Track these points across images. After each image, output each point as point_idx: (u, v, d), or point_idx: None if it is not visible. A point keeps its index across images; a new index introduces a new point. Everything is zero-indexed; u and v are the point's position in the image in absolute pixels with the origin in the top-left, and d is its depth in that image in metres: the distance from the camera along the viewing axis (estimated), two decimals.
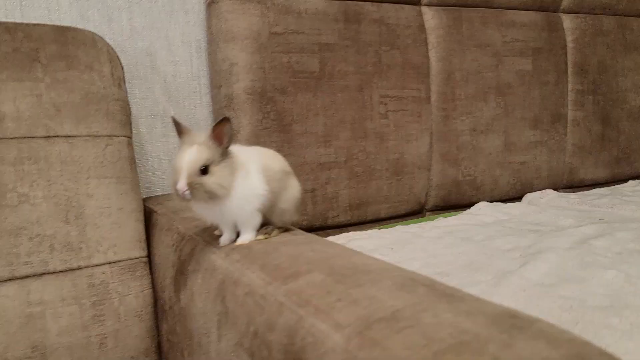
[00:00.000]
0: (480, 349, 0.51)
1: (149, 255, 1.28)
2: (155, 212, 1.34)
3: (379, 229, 1.63)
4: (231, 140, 0.92)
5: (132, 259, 1.23)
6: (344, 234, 1.58)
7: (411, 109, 1.77)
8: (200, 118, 1.68)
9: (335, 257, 0.84)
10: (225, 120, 0.89)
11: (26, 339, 1.09)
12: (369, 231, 1.61)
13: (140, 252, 1.25)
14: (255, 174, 0.95)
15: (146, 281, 1.24)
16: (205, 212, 0.96)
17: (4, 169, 1.11)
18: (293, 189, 1.03)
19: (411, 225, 1.65)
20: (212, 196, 0.89)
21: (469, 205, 1.92)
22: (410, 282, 0.71)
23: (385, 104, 1.73)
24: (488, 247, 1.37)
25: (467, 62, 1.87)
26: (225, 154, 0.92)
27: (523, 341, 0.52)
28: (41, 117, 1.17)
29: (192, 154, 0.88)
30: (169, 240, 1.18)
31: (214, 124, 0.89)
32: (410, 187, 1.80)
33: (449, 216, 1.73)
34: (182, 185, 0.87)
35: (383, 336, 0.57)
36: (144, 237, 1.27)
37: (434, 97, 1.83)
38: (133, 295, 1.21)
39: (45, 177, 1.15)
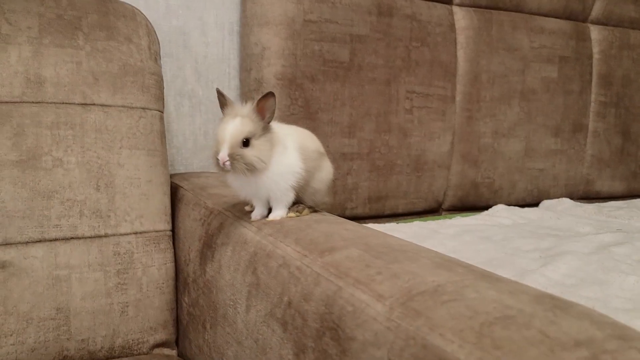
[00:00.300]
0: (527, 323, 0.52)
1: (173, 229, 1.30)
2: (182, 187, 1.35)
3: (397, 223, 1.64)
4: (273, 115, 0.93)
5: (157, 231, 1.24)
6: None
7: (436, 106, 1.78)
8: None
9: (369, 237, 0.85)
10: (270, 94, 0.90)
11: (52, 300, 1.10)
12: (387, 224, 1.62)
13: (165, 225, 1.26)
14: (292, 152, 0.96)
15: (169, 254, 1.25)
16: (240, 185, 0.98)
17: (41, 132, 1.13)
18: (326, 170, 1.04)
19: (429, 221, 1.66)
20: (251, 169, 0.90)
21: (486, 207, 1.93)
22: (448, 262, 0.72)
23: (411, 100, 1.74)
24: (507, 246, 1.38)
25: (494, 64, 1.88)
26: (266, 129, 0.93)
27: (567, 320, 0.53)
28: (79, 84, 1.18)
29: (235, 126, 0.90)
30: (196, 214, 1.19)
31: (259, 97, 0.91)
32: (430, 184, 1.81)
33: (466, 216, 1.74)
34: (223, 155, 0.89)
35: (427, 307, 0.58)
36: (169, 210, 1.29)
37: (459, 97, 1.84)
38: (156, 267, 1.22)
39: (80, 143, 1.17)
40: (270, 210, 1.01)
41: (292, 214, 0.99)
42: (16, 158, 1.10)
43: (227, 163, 0.89)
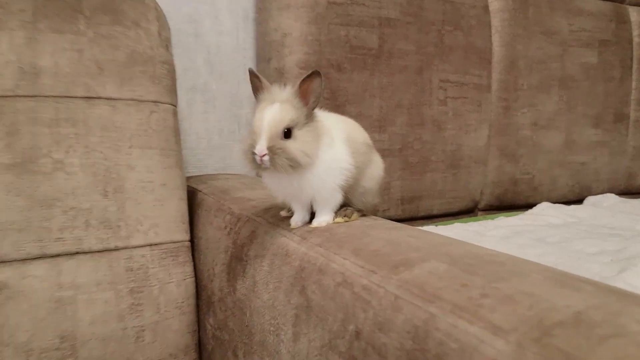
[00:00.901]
0: None
1: (192, 239, 1.14)
2: (200, 191, 1.19)
3: (436, 225, 1.48)
4: (318, 99, 0.78)
5: (174, 242, 1.08)
6: None
7: (471, 96, 1.62)
8: (243, 96, 1.53)
9: (446, 245, 0.69)
10: (315, 74, 0.74)
11: (55, 327, 0.94)
12: (426, 227, 1.45)
13: (183, 234, 1.10)
14: (340, 144, 0.80)
15: (189, 268, 1.09)
16: (278, 186, 0.82)
17: (38, 131, 0.97)
18: (377, 166, 0.88)
19: (470, 223, 1.50)
20: (294, 165, 0.74)
21: (525, 206, 1.77)
22: (564, 277, 0.56)
23: (445, 90, 1.58)
24: (568, 249, 1.22)
25: (531, 49, 1.72)
26: (310, 117, 0.77)
27: None
28: (81, 75, 1.02)
29: (275, 113, 0.74)
30: (220, 222, 1.03)
31: (302, 77, 0.75)
32: (466, 182, 1.65)
33: (510, 215, 1.58)
34: (261, 148, 0.73)
35: (578, 346, 0.42)
36: (187, 218, 1.13)
37: (494, 86, 1.69)
38: (174, 283, 1.06)
39: (83, 142, 1.00)
40: (312, 216, 0.85)
41: (339, 219, 0.83)
42: (10, 161, 0.94)
43: (266, 158, 0.73)
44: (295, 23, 1.37)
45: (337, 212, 0.85)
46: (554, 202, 1.78)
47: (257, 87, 0.80)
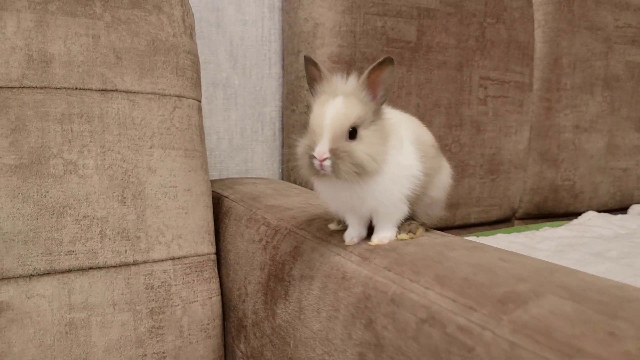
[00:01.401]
0: None
1: (218, 252, 1.01)
2: (226, 197, 1.06)
3: (477, 236, 1.36)
4: (388, 93, 0.65)
5: (199, 255, 0.95)
6: None
7: (512, 96, 1.50)
8: (267, 92, 1.41)
9: (551, 272, 0.56)
10: (387, 61, 0.62)
11: (65, 354, 0.81)
12: (466, 238, 1.33)
13: (209, 246, 0.97)
14: (409, 147, 0.68)
15: (214, 285, 0.97)
16: (334, 195, 0.69)
17: (48, 127, 0.84)
18: (445, 173, 0.76)
19: (514, 234, 1.38)
20: (360, 172, 0.62)
21: (565, 215, 1.65)
22: None
23: (485, 88, 1.45)
24: (635, 267, 1.10)
25: (575, 46, 1.60)
26: (377, 113, 0.65)
27: None
28: (97, 65, 0.89)
29: (339, 109, 0.62)
30: (253, 233, 0.90)
31: (373, 65, 0.62)
32: (505, 189, 1.53)
33: (555, 226, 1.45)
34: (322, 151, 0.60)
35: None
36: (212, 227, 1.00)
37: (536, 85, 1.56)
38: (199, 302, 0.93)
39: (99, 141, 0.88)
40: (370, 230, 0.72)
41: (403, 236, 0.71)
42: (15, 162, 0.82)
43: (327, 163, 0.60)
44: (329, 12, 1.25)
45: (400, 227, 0.72)
46: (595, 211, 1.66)
47: (314, 76, 0.67)
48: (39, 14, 0.87)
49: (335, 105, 0.62)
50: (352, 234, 0.72)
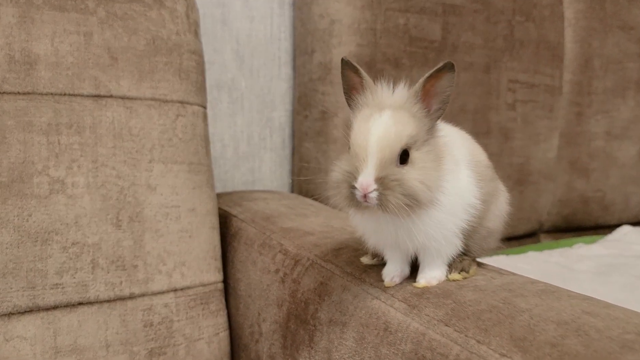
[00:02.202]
0: None
1: (225, 279, 0.89)
2: (235, 216, 0.94)
3: (507, 254, 1.24)
4: (446, 106, 0.53)
5: (205, 284, 0.84)
6: None
7: (542, 100, 1.38)
8: (276, 94, 1.29)
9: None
10: (447, 66, 0.50)
11: None
12: (495, 258, 1.21)
13: (215, 274, 0.86)
14: (465, 170, 0.56)
15: (222, 319, 0.85)
16: (375, 229, 0.57)
17: (31, 139, 0.72)
18: (503, 199, 0.65)
19: (546, 252, 1.26)
20: (412, 204, 0.50)
21: (594, 228, 1.54)
22: None
23: (514, 92, 1.34)
24: None
25: (608, 46, 1.48)
26: (431, 131, 0.53)
27: None
28: (89, 67, 0.78)
29: (389, 126, 0.50)
30: (268, 262, 0.78)
31: (430, 72, 0.50)
32: (533, 201, 1.41)
33: (589, 242, 1.34)
34: (368, 182, 0.49)
35: None
36: (219, 252, 0.88)
37: (566, 88, 1.45)
38: (205, 340, 0.82)
39: (91, 155, 0.76)
40: (414, 267, 0.61)
41: (455, 276, 0.59)
42: None
43: (373, 195, 0.48)
44: (346, 8, 1.13)
45: (450, 264, 0.60)
46: (626, 223, 1.55)
47: (353, 85, 0.55)
48: (22, 8, 0.75)
49: (383, 121, 0.50)
50: (393, 272, 0.61)
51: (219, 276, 0.86)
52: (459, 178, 0.56)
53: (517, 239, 1.44)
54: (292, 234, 0.80)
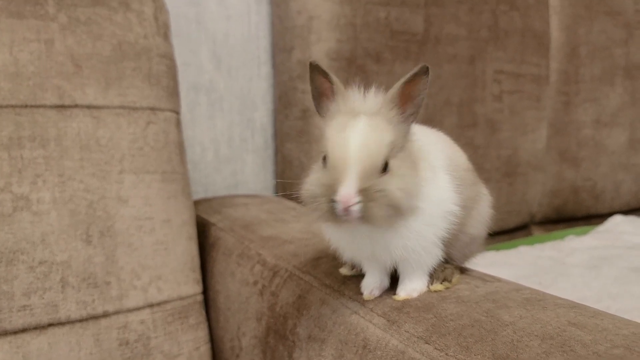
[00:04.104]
0: None
1: (205, 290, 0.86)
2: (213, 224, 0.91)
3: (498, 250, 1.22)
4: (420, 109, 0.50)
5: (183, 298, 0.81)
6: None
7: (529, 90, 1.36)
8: (257, 94, 1.25)
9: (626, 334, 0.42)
10: (423, 71, 0.47)
11: None
12: (485, 253, 1.18)
13: (194, 286, 0.83)
14: (442, 175, 0.53)
15: (202, 332, 0.82)
16: (349, 242, 0.54)
17: None
18: (485, 203, 0.62)
19: (537, 245, 1.24)
20: (394, 214, 0.47)
21: (586, 218, 1.52)
22: None
23: (500, 82, 1.31)
24: None
25: (594, 33, 1.46)
26: (407, 136, 0.50)
27: None
28: (52, 76, 0.74)
29: (368, 134, 0.47)
30: (246, 273, 0.75)
31: (408, 76, 0.47)
32: (523, 193, 1.39)
33: (581, 234, 1.32)
34: (349, 194, 0.46)
35: None
36: (198, 263, 0.85)
37: (553, 77, 1.42)
38: (185, 355, 0.79)
39: (57, 169, 0.72)
40: (393, 278, 0.58)
41: (438, 286, 0.56)
42: None
43: (356, 208, 0.45)
44: (325, 3, 1.10)
45: (431, 274, 0.57)
46: (617, 211, 1.53)
47: (322, 90, 0.52)
48: None
49: (361, 129, 0.47)
50: (372, 285, 0.58)
51: (197, 288, 0.83)
52: (437, 185, 0.53)
53: (508, 232, 1.41)
54: (271, 243, 0.77)
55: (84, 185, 0.74)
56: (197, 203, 1.03)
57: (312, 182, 0.49)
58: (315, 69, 0.51)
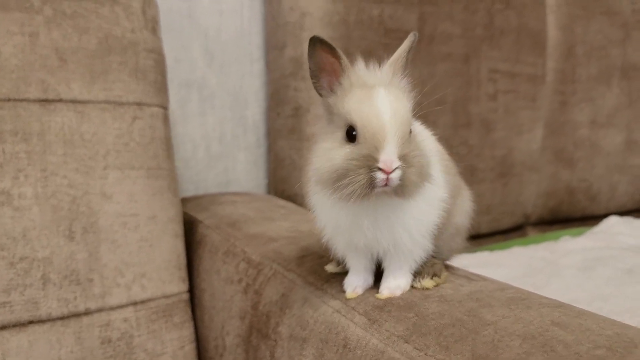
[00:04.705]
0: None
1: (191, 288, 0.85)
2: (201, 222, 0.90)
3: (491, 250, 1.20)
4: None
5: (167, 296, 0.79)
6: None
7: (524, 90, 1.34)
8: (249, 91, 1.24)
9: (626, 342, 0.41)
10: (417, 37, 0.53)
11: None
12: (478, 254, 1.18)
13: (179, 284, 0.81)
14: (435, 163, 0.52)
15: (187, 331, 0.81)
16: (350, 223, 0.52)
17: None
18: (467, 195, 0.62)
19: (531, 246, 1.23)
20: (423, 180, 0.49)
21: (581, 219, 1.51)
22: None
23: (495, 82, 1.30)
24: None
25: (591, 33, 1.44)
26: None
27: None
28: (35, 69, 0.73)
29: (396, 103, 0.48)
30: (231, 270, 0.74)
31: (409, 45, 0.52)
32: (518, 193, 1.38)
33: (576, 235, 1.30)
34: (392, 159, 0.46)
35: None
36: (184, 260, 0.84)
37: (550, 76, 1.41)
38: (169, 354, 0.78)
39: (39, 164, 0.71)
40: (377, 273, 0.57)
41: (428, 282, 0.55)
42: None
43: (395, 175, 0.46)
44: (317, 0, 1.08)
45: (422, 268, 0.56)
46: (613, 213, 1.52)
47: (322, 66, 0.50)
48: None
49: (388, 99, 0.48)
50: (355, 283, 0.57)
51: (183, 286, 0.82)
52: (434, 168, 0.52)
53: (502, 233, 1.40)
54: (256, 241, 0.76)
55: (67, 180, 0.73)
56: (185, 200, 1.02)
57: (340, 157, 0.47)
58: (320, 44, 0.49)
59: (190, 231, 0.89)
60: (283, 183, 1.19)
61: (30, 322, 0.69)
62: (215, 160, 1.22)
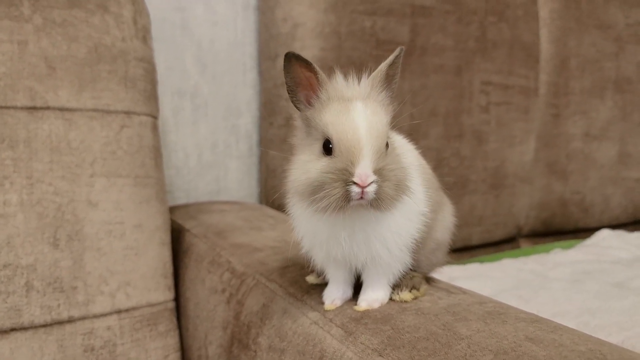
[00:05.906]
0: None
1: (177, 297, 0.85)
2: (188, 231, 0.90)
3: (481, 262, 1.20)
4: (394, 90, 0.53)
5: (152, 304, 0.79)
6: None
7: (517, 102, 1.35)
8: (242, 101, 1.25)
9: (599, 357, 0.41)
10: (402, 51, 0.52)
11: None
12: (469, 266, 1.18)
13: (165, 293, 0.81)
14: (414, 172, 0.53)
15: (172, 340, 0.81)
16: (328, 235, 0.52)
17: None
18: (449, 210, 0.62)
19: (522, 258, 1.23)
20: (399, 193, 0.49)
21: (573, 231, 1.50)
22: None
23: (487, 94, 1.30)
24: None
25: (584, 46, 1.45)
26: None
27: None
28: (24, 77, 0.74)
29: (373, 116, 0.48)
30: (215, 280, 0.74)
31: (391, 59, 0.51)
32: (510, 205, 1.37)
33: (567, 247, 1.30)
34: (367, 173, 0.46)
35: None
36: (170, 269, 0.84)
37: (542, 89, 1.41)
38: None
39: (25, 171, 0.72)
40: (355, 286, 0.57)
41: (406, 295, 0.55)
42: None
43: (371, 189, 0.47)
44: (310, 11, 1.09)
45: (401, 281, 0.56)
46: (606, 225, 1.52)
47: (299, 81, 0.51)
48: None
49: (365, 112, 0.48)
50: (334, 294, 0.57)
51: (169, 295, 0.82)
52: (413, 181, 0.52)
53: (494, 244, 1.40)
54: (241, 251, 0.76)
55: (53, 188, 0.73)
56: (174, 209, 1.02)
57: (316, 170, 0.47)
58: (295, 59, 0.49)
59: (177, 239, 0.89)
60: (274, 192, 1.19)
61: (13, 330, 0.69)
62: (207, 168, 1.22)
